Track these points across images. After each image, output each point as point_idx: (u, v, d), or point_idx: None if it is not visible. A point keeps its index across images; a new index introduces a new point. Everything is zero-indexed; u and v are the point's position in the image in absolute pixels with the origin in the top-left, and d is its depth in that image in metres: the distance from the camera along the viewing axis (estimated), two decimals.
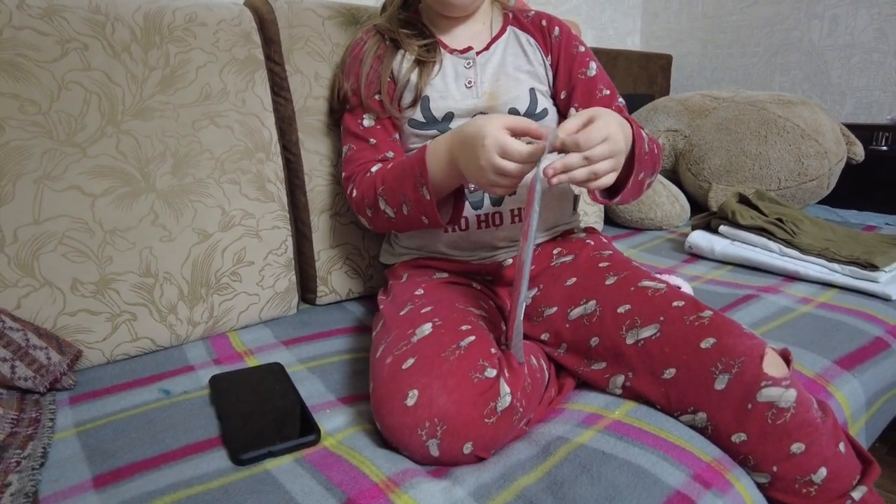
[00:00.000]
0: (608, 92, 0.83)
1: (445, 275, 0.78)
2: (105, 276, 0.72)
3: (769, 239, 1.05)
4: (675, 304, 0.63)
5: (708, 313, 0.61)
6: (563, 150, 0.59)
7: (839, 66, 1.63)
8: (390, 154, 0.79)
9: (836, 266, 0.96)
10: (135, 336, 0.75)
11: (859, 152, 1.33)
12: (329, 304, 0.94)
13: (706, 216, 1.18)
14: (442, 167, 0.67)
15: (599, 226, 1.29)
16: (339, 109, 0.85)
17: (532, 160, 0.58)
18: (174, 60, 0.78)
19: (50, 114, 0.69)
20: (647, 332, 0.61)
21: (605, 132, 0.57)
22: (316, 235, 0.90)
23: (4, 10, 0.68)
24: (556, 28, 0.85)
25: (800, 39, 1.68)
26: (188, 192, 0.77)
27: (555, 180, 0.57)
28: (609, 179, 0.60)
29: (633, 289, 0.67)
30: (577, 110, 0.83)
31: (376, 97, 0.79)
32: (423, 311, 0.65)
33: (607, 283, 0.70)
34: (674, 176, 1.47)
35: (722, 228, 1.11)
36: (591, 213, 1.26)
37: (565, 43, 0.84)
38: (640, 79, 1.73)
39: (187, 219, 0.77)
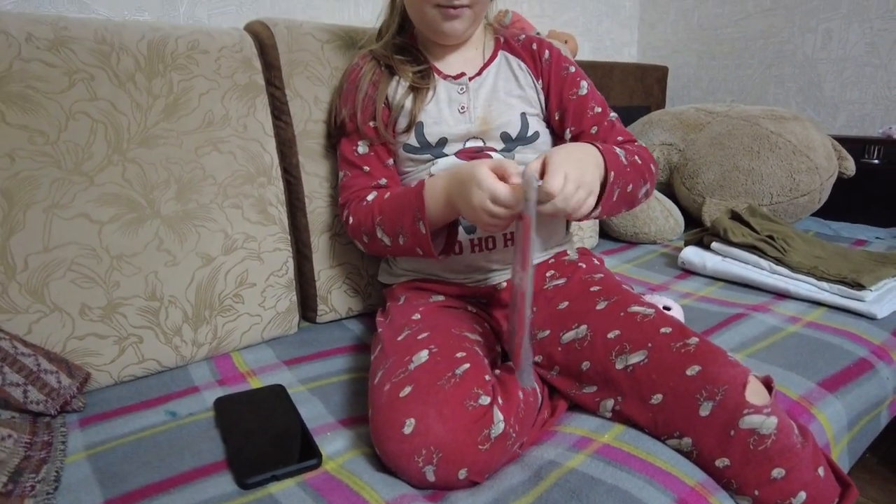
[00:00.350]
0: (599, 109, 0.85)
1: (442, 298, 0.80)
2: (112, 300, 0.74)
3: (760, 256, 1.07)
4: (662, 330, 0.66)
5: (694, 340, 0.64)
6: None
7: (832, 79, 1.65)
8: (383, 181, 0.82)
9: (824, 284, 0.98)
10: (141, 358, 0.77)
11: (850, 167, 1.36)
12: (329, 322, 0.97)
13: (698, 232, 1.20)
14: (438, 204, 0.71)
15: (594, 240, 1.31)
16: (337, 135, 0.87)
17: (518, 203, 0.61)
18: (177, 88, 0.80)
19: (58, 144, 0.72)
20: (635, 358, 0.64)
21: (561, 171, 0.60)
22: (316, 256, 0.93)
23: (13, 43, 0.70)
24: (547, 51, 0.86)
25: (793, 52, 1.71)
26: (192, 217, 0.80)
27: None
28: (589, 204, 0.64)
29: (622, 314, 0.69)
30: (571, 132, 0.86)
31: (371, 123, 0.82)
32: (420, 337, 0.67)
33: (598, 307, 0.72)
34: (668, 189, 1.49)
35: (714, 245, 1.13)
36: (586, 228, 1.28)
37: (555, 66, 0.86)
38: (637, 91, 1.76)
39: (191, 243, 0.79)
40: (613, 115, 0.87)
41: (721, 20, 1.85)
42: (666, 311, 0.87)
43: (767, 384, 0.61)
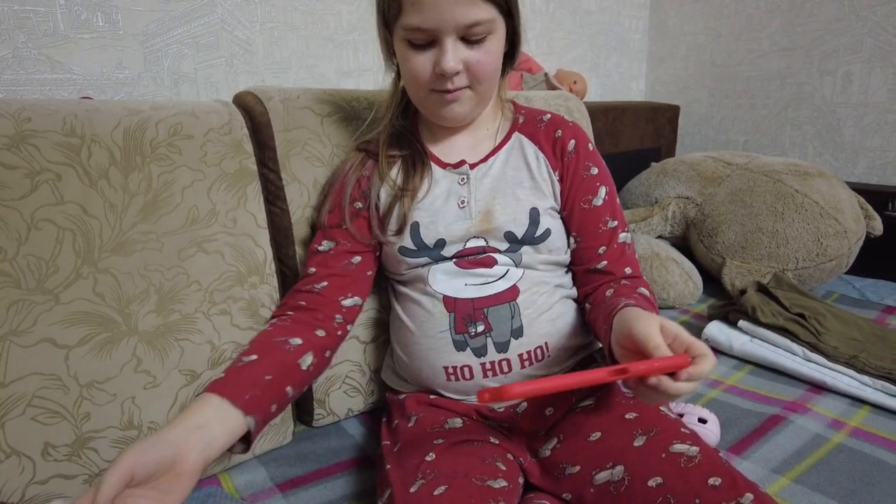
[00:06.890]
0: (615, 223, 0.76)
1: (459, 422, 0.71)
2: (82, 435, 0.65)
3: (792, 340, 1.00)
4: (710, 481, 0.57)
5: (748, 498, 0.56)
6: None
7: (852, 125, 1.58)
8: (319, 286, 0.73)
9: (866, 379, 0.91)
10: None
11: (878, 227, 1.29)
12: (327, 424, 0.87)
13: (724, 306, 1.12)
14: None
15: None
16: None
17: None
18: (157, 183, 0.71)
19: (17, 259, 0.62)
20: None
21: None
22: None
23: None
24: (572, 142, 0.76)
25: (811, 95, 1.63)
26: (174, 330, 0.70)
27: None
28: None
29: (664, 455, 0.61)
30: (575, 240, 0.77)
31: (348, 226, 0.74)
32: (437, 492, 0.58)
33: (636, 443, 0.64)
34: (685, 244, 1.42)
35: (741, 324, 1.06)
36: None
37: (576, 163, 0.76)
38: (647, 132, 1.68)
39: (173, 360, 0.70)
40: (625, 235, 0.77)
41: (735, 57, 1.77)
42: (702, 424, 0.80)
43: None
